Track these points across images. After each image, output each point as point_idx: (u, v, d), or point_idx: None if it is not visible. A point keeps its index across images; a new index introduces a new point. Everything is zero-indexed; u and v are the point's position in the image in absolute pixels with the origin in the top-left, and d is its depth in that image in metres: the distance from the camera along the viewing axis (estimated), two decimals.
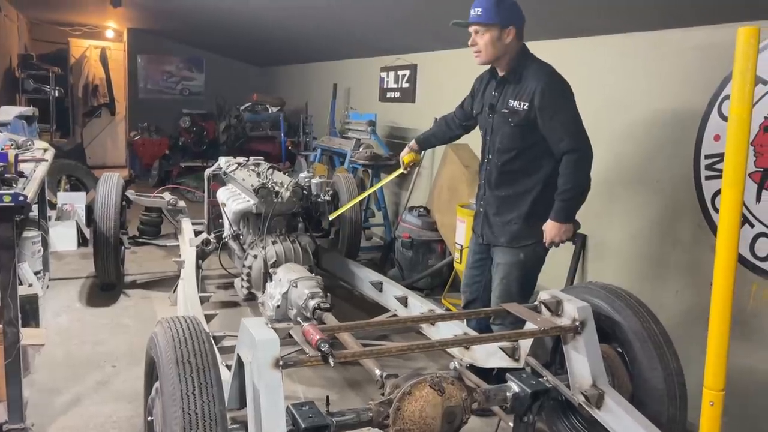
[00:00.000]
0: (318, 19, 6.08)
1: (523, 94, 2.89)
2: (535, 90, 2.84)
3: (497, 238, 3.08)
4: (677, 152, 3.30)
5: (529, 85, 2.88)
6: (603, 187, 3.83)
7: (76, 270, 5.24)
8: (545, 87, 2.83)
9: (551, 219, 2.91)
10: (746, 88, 1.50)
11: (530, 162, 2.99)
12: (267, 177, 4.34)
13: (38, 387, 3.29)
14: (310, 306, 3.29)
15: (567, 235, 2.93)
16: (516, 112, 2.91)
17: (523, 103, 2.89)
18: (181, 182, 8.60)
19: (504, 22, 2.87)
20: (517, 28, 2.90)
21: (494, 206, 3.10)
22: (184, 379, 1.89)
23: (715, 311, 1.66)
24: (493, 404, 2.31)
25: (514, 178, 3.03)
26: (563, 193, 2.86)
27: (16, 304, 2.73)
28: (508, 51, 2.93)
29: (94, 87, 10.73)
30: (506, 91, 2.99)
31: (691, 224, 3.24)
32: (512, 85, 2.96)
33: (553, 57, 4.16)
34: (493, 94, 3.06)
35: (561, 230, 2.90)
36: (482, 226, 3.18)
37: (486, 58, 2.96)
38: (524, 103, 2.88)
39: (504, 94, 2.99)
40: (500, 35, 2.88)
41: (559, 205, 2.88)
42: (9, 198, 2.61)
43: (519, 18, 2.92)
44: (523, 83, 2.91)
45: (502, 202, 3.07)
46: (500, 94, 3.02)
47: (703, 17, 3.11)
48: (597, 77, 3.87)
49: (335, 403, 2.09)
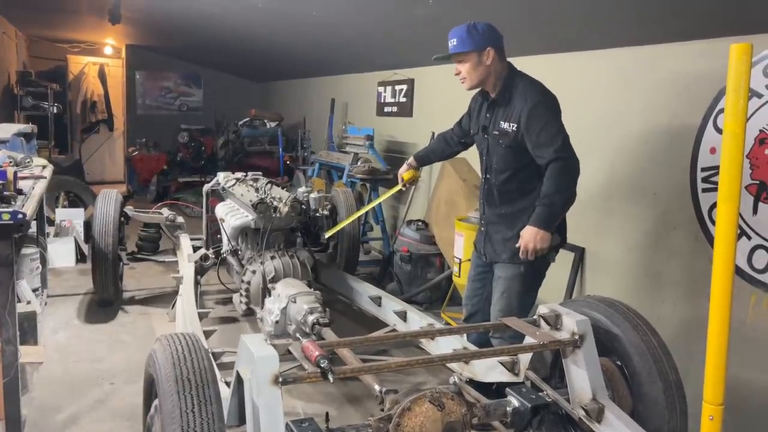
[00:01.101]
0: (316, 34, 6.12)
1: (512, 115, 2.93)
2: (522, 110, 2.88)
3: (499, 255, 3.09)
4: (673, 165, 3.32)
5: (516, 105, 2.91)
6: (600, 200, 3.84)
7: (74, 286, 5.23)
8: (532, 106, 2.85)
9: (529, 224, 2.85)
10: (740, 104, 1.51)
11: (526, 181, 3.00)
12: (265, 192, 4.35)
13: (37, 405, 3.28)
14: (309, 321, 3.29)
15: (543, 244, 2.83)
16: (506, 133, 2.95)
17: (512, 124, 2.93)
18: (180, 198, 8.61)
19: (480, 47, 2.91)
20: (495, 48, 2.93)
21: (495, 224, 3.12)
22: (183, 397, 1.88)
23: (713, 325, 1.66)
24: (493, 419, 2.31)
25: (512, 196, 3.05)
26: (545, 197, 2.82)
27: (14, 322, 2.72)
28: (493, 72, 2.97)
29: (92, 103, 10.78)
30: (497, 113, 3.03)
31: (689, 236, 3.25)
32: (502, 107, 3.00)
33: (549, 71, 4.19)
34: (486, 116, 3.10)
35: (537, 236, 2.82)
36: (484, 244, 3.19)
37: (471, 83, 3.01)
38: (513, 124, 2.92)
39: (495, 116, 3.04)
40: (480, 59, 2.92)
41: (539, 210, 2.83)
42: (8, 216, 2.60)
43: (495, 38, 2.95)
44: (511, 104, 2.95)
45: (502, 219, 3.08)
46: (491, 115, 3.06)
47: (698, 32, 3.14)
48: (593, 91, 3.90)
49: (335, 419, 2.08)
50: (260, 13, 5.64)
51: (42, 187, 3.60)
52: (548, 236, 2.84)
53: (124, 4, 6.84)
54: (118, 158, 11.18)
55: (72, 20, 8.60)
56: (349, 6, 4.83)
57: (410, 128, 6.26)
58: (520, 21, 3.89)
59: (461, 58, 2.96)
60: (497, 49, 2.94)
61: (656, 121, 3.46)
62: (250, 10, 5.59)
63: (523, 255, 2.89)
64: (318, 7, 5.09)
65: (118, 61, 11.08)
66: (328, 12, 5.11)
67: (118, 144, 11.17)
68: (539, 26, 3.92)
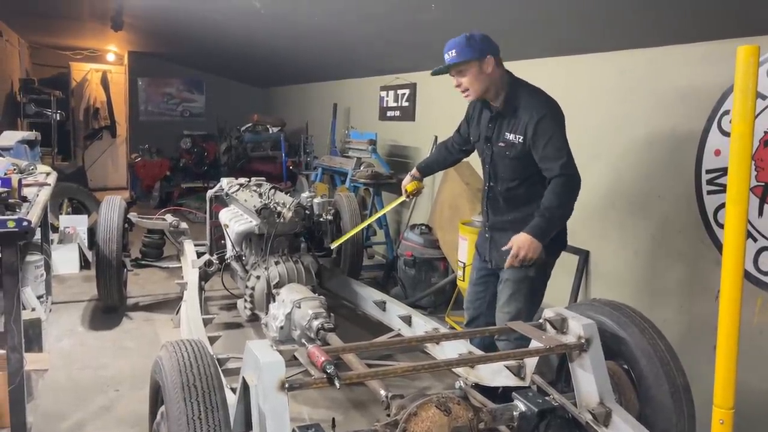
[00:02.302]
0: (318, 39, 6.13)
1: (518, 126, 2.92)
2: (528, 122, 2.87)
3: (504, 260, 3.00)
4: (678, 167, 3.31)
5: (523, 117, 2.90)
6: (605, 204, 3.84)
7: (78, 293, 5.23)
8: (539, 119, 2.85)
9: (525, 231, 2.86)
10: (747, 106, 1.51)
11: (531, 188, 3.00)
12: (269, 197, 4.35)
13: (42, 412, 3.27)
14: (313, 326, 3.28)
15: (534, 254, 2.85)
16: (513, 145, 2.95)
17: (518, 136, 2.92)
18: (183, 204, 8.61)
19: (480, 55, 2.89)
20: (494, 56, 2.92)
21: (501, 231, 3.11)
22: (190, 404, 1.88)
23: (723, 328, 1.65)
24: (499, 424, 2.29)
25: (518, 203, 3.06)
26: (546, 210, 2.84)
27: (19, 329, 2.71)
28: (494, 81, 2.95)
29: (95, 110, 10.80)
30: (502, 124, 3.01)
31: (694, 239, 3.24)
32: (507, 118, 2.98)
33: (552, 75, 4.20)
34: (489, 126, 3.08)
35: (531, 245, 2.83)
36: (490, 251, 3.18)
37: (476, 94, 2.99)
38: (519, 136, 2.92)
39: (499, 127, 3.02)
40: (481, 68, 2.90)
41: (538, 220, 2.85)
42: (13, 223, 2.61)
43: (493, 47, 2.93)
44: (518, 115, 2.93)
45: (510, 226, 3.05)
46: (495, 126, 3.05)
47: (702, 34, 3.14)
48: (598, 94, 3.89)
49: (341, 425, 2.08)
50: (262, 18, 5.65)
51: (46, 194, 3.61)
52: (540, 247, 2.85)
53: (126, 10, 6.86)
54: (120, 165, 11.20)
55: (74, 27, 8.63)
56: (351, 11, 4.83)
57: (413, 132, 6.26)
58: (524, 24, 3.89)
59: (461, 68, 2.92)
60: (496, 58, 2.93)
61: (660, 124, 3.46)
62: (252, 15, 5.61)
63: (512, 260, 2.89)
64: (320, 13, 5.10)
65: (120, 68, 11.11)
66: (329, 17, 5.12)
67: (121, 150, 11.19)
68: (542, 29, 3.92)
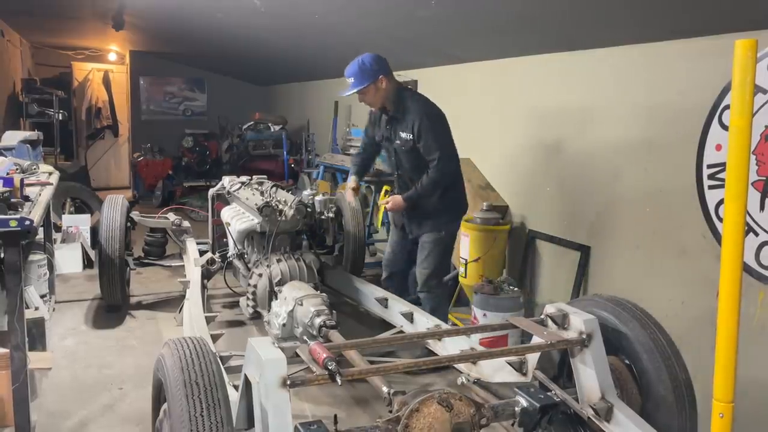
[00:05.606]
0: (318, 37, 6.12)
1: (408, 126, 3.76)
2: (414, 122, 3.72)
3: (422, 228, 3.94)
4: (679, 162, 3.31)
5: (410, 118, 3.75)
6: (606, 199, 3.84)
7: (81, 292, 5.25)
8: (422, 118, 3.71)
9: (401, 195, 3.87)
10: (746, 100, 1.50)
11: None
12: (270, 195, 4.35)
13: (46, 411, 3.29)
14: (315, 324, 3.29)
15: (398, 208, 3.91)
16: (407, 141, 3.80)
17: (408, 134, 3.77)
18: (185, 202, 8.63)
19: (374, 78, 3.73)
20: (385, 74, 3.75)
21: (413, 208, 3.90)
22: (192, 401, 1.89)
23: (722, 322, 1.65)
24: (501, 419, 2.30)
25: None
26: (420, 186, 3.77)
27: (23, 328, 2.72)
28: (388, 94, 3.81)
29: (97, 109, 10.82)
30: (396, 126, 3.86)
31: (696, 234, 3.24)
32: (399, 121, 3.83)
33: (553, 70, 4.20)
34: (387, 128, 3.94)
35: (401, 203, 3.86)
36: (409, 224, 4.02)
37: (377, 107, 3.91)
38: (409, 134, 3.76)
39: (394, 128, 3.87)
40: (376, 87, 3.76)
41: (411, 191, 3.81)
42: (15, 223, 2.61)
43: (383, 67, 3.77)
44: (406, 118, 3.78)
45: (419, 202, 3.85)
46: (391, 128, 3.90)
47: (701, 29, 3.13)
48: (598, 89, 3.89)
49: (343, 422, 2.08)
50: (263, 16, 5.65)
51: (49, 193, 3.62)
52: (404, 206, 3.86)
53: (127, 10, 6.87)
54: (123, 164, 11.23)
55: (76, 27, 8.64)
56: (352, 8, 4.83)
57: None
58: (521, 20, 3.89)
59: (362, 91, 3.77)
60: (387, 75, 3.75)
61: (661, 119, 3.45)
62: (252, 13, 5.60)
63: (384, 204, 4.02)
64: (320, 11, 5.10)
65: (122, 67, 11.13)
66: (330, 15, 5.11)
67: (123, 150, 11.21)
68: (540, 25, 3.91)
